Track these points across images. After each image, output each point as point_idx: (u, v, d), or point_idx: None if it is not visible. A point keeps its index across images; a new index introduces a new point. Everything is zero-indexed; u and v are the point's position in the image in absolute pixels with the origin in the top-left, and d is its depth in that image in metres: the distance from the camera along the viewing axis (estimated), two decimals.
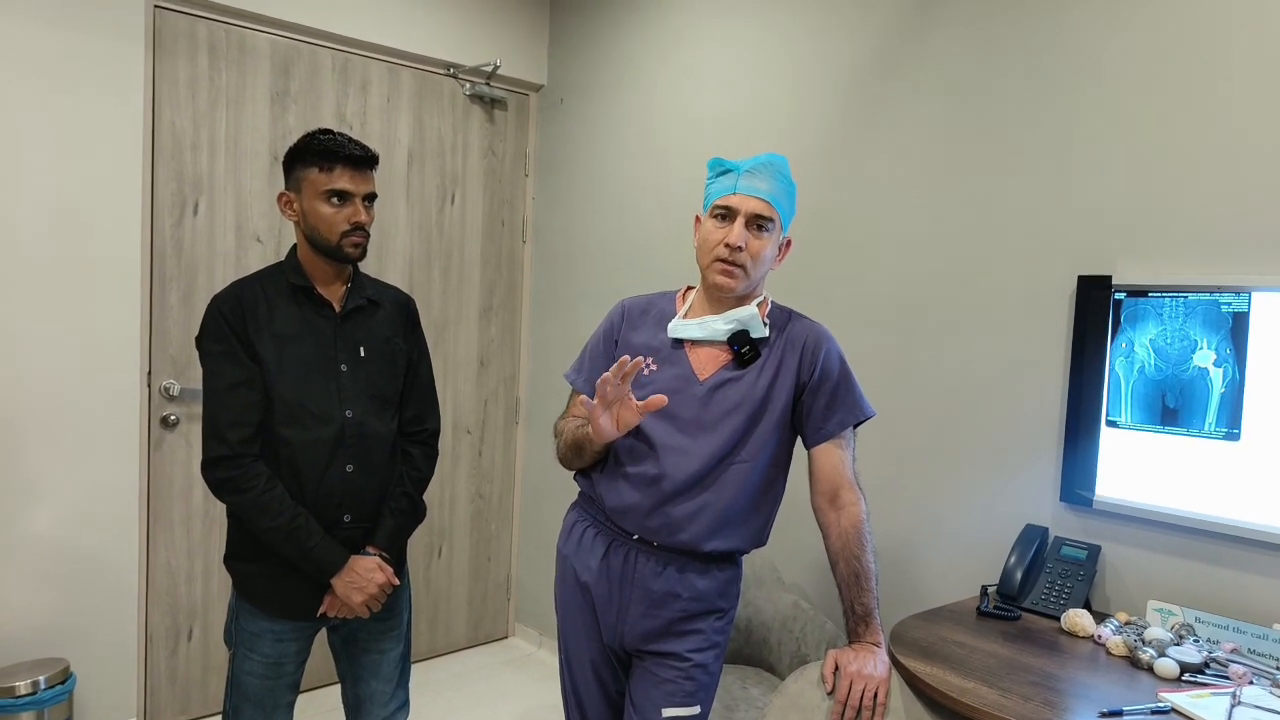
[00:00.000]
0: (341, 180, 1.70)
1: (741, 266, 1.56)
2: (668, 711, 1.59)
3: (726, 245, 1.55)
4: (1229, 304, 1.70)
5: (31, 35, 2.36)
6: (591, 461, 1.68)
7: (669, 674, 1.60)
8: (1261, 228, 1.71)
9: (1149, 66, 1.86)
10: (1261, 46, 1.71)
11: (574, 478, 1.75)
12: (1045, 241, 2.03)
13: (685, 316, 1.67)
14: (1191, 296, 1.75)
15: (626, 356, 1.48)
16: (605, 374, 1.48)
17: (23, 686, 2.27)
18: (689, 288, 1.74)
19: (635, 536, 1.62)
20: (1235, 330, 1.69)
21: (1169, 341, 1.78)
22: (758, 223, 1.56)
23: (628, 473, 1.62)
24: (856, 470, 1.64)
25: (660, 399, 1.47)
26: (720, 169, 1.62)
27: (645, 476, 1.60)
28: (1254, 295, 1.67)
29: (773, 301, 1.69)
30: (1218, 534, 1.75)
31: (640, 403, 1.50)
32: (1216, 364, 1.72)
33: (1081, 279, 1.93)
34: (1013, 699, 1.40)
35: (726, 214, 1.57)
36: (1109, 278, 1.89)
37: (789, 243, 1.66)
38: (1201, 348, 1.74)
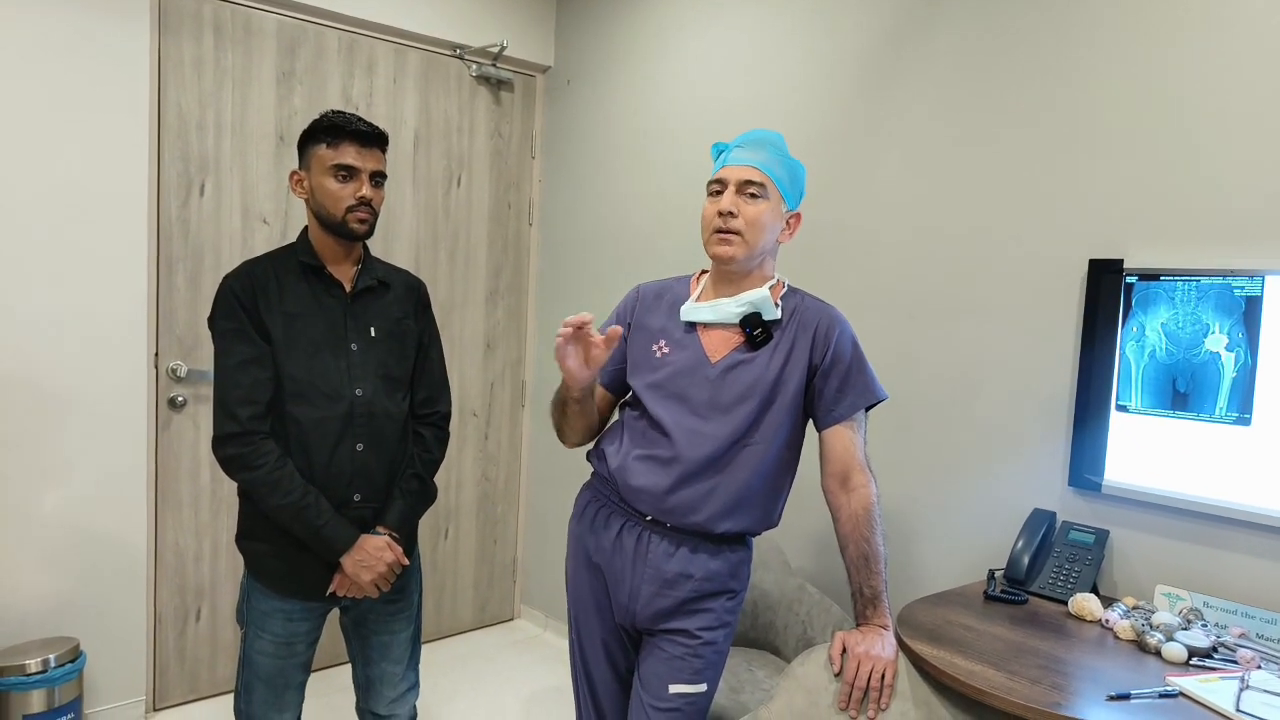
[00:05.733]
0: (347, 155, 1.71)
1: (737, 233, 1.57)
2: (674, 688, 1.60)
3: (719, 214, 1.57)
4: (1242, 288, 1.69)
5: (36, 15, 2.35)
6: (578, 421, 1.68)
7: (677, 650, 1.61)
8: (1276, 211, 1.70)
9: (1163, 49, 1.84)
10: (1277, 29, 1.69)
11: (587, 458, 1.76)
12: (1057, 225, 2.02)
13: (697, 300, 1.67)
14: (1204, 280, 1.74)
15: (616, 329, 1.51)
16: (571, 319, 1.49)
17: (33, 665, 2.29)
18: (703, 271, 1.74)
19: (648, 517, 1.63)
20: (1248, 314, 1.68)
21: (1181, 325, 1.77)
22: (749, 190, 1.57)
23: (641, 455, 1.62)
24: (868, 453, 1.64)
25: (616, 329, 1.50)
26: (716, 152, 1.67)
27: (659, 459, 1.60)
28: (1267, 279, 1.66)
29: (788, 284, 1.69)
30: (1227, 519, 1.75)
31: (602, 336, 1.52)
32: (1229, 348, 1.71)
33: (1093, 262, 1.92)
34: (1020, 682, 1.40)
35: (720, 188, 1.60)
36: (1121, 261, 1.88)
37: (797, 217, 1.66)
38: (1214, 332, 1.73)
